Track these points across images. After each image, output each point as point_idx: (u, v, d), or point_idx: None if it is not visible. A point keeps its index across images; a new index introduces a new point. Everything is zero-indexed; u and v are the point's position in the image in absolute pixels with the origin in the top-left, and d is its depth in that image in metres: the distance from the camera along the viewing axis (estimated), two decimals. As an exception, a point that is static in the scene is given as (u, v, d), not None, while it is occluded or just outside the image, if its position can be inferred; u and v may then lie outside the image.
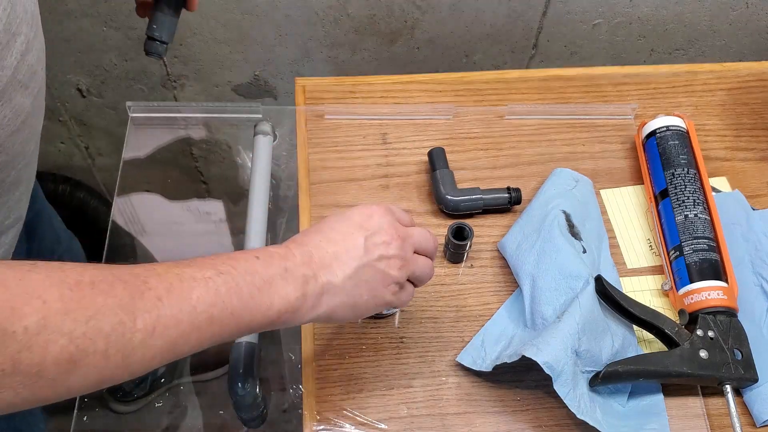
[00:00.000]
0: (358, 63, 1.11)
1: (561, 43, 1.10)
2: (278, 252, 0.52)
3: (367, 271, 0.55)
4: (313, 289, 0.52)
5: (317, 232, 0.55)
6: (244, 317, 0.48)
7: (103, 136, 1.26)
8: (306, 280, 0.52)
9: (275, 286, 0.50)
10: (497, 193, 0.80)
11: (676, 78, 0.95)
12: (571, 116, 0.90)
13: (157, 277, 0.44)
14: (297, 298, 0.51)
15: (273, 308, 0.49)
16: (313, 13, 1.02)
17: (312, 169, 0.84)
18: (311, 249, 0.53)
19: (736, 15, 1.08)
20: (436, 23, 1.04)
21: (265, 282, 0.49)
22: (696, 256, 0.73)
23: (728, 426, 0.68)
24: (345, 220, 0.56)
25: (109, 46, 1.07)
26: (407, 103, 0.90)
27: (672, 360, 0.67)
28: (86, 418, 0.85)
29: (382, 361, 0.71)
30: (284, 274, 0.50)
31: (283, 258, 0.51)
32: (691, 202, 0.76)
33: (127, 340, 0.41)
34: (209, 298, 0.45)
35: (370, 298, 0.56)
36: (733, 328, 0.69)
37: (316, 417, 0.68)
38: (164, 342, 0.43)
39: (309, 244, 0.54)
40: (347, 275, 0.54)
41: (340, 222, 0.56)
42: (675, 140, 0.80)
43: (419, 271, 0.59)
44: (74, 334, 0.39)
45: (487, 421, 0.68)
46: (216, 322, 0.46)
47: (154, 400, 1.27)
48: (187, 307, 0.44)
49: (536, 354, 0.63)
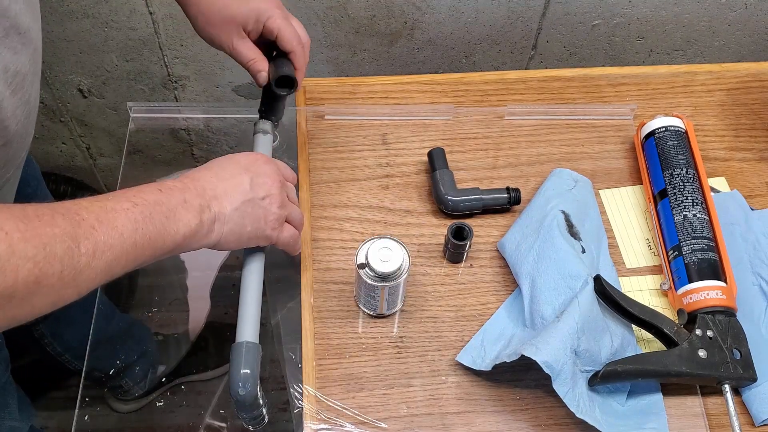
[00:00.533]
0: (358, 64, 1.11)
1: (560, 44, 1.10)
2: (176, 185, 0.59)
3: (252, 206, 0.63)
4: (207, 217, 0.60)
5: (208, 170, 0.63)
6: (158, 242, 0.55)
7: (104, 137, 1.26)
8: (201, 209, 0.59)
9: (178, 214, 0.57)
10: (497, 193, 0.80)
11: (675, 78, 0.95)
12: (571, 117, 0.90)
13: (86, 209, 0.50)
14: (196, 224, 0.58)
15: (179, 233, 0.57)
16: (313, 14, 1.02)
17: (312, 169, 0.85)
18: (204, 184, 0.61)
19: (735, 16, 1.08)
20: (436, 24, 1.04)
21: (170, 210, 0.56)
22: (695, 256, 0.73)
23: (727, 425, 0.68)
24: (233, 163, 0.65)
25: (110, 46, 1.07)
26: (407, 104, 0.91)
27: (671, 359, 0.67)
28: (87, 417, 0.85)
29: (382, 361, 0.72)
30: (184, 204, 0.58)
31: (181, 190, 0.59)
32: (689, 202, 0.76)
33: (75, 262, 0.47)
34: (130, 225, 0.52)
35: (253, 230, 0.64)
36: (732, 328, 0.69)
37: (316, 417, 0.68)
38: (103, 264, 0.50)
39: (201, 179, 0.61)
40: (234, 207, 0.62)
41: (228, 163, 0.64)
42: (674, 140, 0.81)
43: (295, 213, 0.69)
44: (36, 259, 0.44)
45: (487, 420, 0.68)
46: (138, 246, 0.53)
47: (154, 400, 1.27)
48: (115, 234, 0.51)
49: (535, 353, 0.64)
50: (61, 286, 0.47)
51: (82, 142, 1.27)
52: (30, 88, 0.59)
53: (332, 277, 0.77)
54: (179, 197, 0.58)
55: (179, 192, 0.58)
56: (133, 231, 0.52)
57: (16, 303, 0.44)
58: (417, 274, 0.77)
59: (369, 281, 0.68)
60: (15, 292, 0.44)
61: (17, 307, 0.45)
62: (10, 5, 0.52)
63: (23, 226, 0.44)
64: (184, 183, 0.60)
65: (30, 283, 0.44)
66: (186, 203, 0.58)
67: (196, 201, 0.59)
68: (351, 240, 0.79)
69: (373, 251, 0.67)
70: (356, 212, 0.81)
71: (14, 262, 0.43)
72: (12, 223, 0.44)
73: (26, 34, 0.56)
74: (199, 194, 0.60)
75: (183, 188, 0.59)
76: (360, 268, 0.68)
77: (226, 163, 0.65)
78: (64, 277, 0.47)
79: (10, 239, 0.43)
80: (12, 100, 0.56)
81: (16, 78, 0.56)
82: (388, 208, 0.82)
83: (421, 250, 0.79)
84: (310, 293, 0.76)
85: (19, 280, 0.43)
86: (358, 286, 0.71)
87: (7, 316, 0.45)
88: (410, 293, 0.75)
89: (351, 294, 0.76)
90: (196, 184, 0.60)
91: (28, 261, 0.44)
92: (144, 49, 1.07)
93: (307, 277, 0.77)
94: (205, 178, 0.62)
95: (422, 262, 0.78)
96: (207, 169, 0.63)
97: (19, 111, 0.58)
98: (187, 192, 0.59)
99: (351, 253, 0.78)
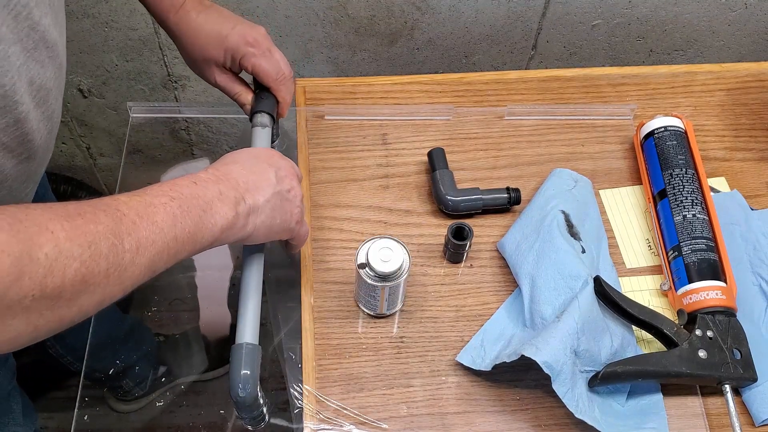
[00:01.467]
0: (358, 64, 1.11)
1: (560, 44, 1.10)
2: (210, 178, 0.58)
3: (280, 199, 0.63)
4: (242, 209, 0.59)
5: (234, 163, 0.62)
6: (197, 235, 0.54)
7: (104, 137, 1.26)
8: (236, 201, 0.59)
9: (215, 206, 0.56)
10: (497, 193, 0.80)
11: (675, 78, 0.95)
12: (571, 117, 0.90)
13: (126, 205, 0.50)
14: (233, 217, 0.58)
15: (217, 226, 0.56)
16: (313, 14, 1.02)
17: (312, 169, 0.85)
18: (236, 176, 0.60)
19: (735, 16, 1.08)
20: (436, 24, 1.04)
21: (207, 203, 0.56)
22: (694, 256, 0.73)
23: (727, 425, 0.68)
24: (253, 156, 0.64)
25: (110, 46, 1.07)
26: (407, 104, 0.91)
27: (671, 360, 0.67)
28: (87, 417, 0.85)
29: (382, 361, 0.72)
30: (220, 197, 0.57)
31: (215, 183, 0.58)
32: (689, 202, 0.76)
33: (120, 259, 0.47)
34: (169, 220, 0.52)
35: (282, 222, 0.64)
36: (732, 328, 0.69)
37: (316, 417, 0.68)
38: (146, 260, 0.50)
39: (232, 172, 0.61)
40: (266, 199, 0.62)
41: (249, 156, 0.64)
42: (673, 141, 0.81)
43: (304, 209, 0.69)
44: (83, 258, 0.44)
45: (487, 420, 0.69)
46: (179, 240, 0.53)
47: (154, 400, 1.27)
48: (156, 229, 0.50)
49: (535, 353, 0.64)
50: (107, 284, 0.47)
51: (82, 141, 1.27)
52: (54, 103, 0.59)
53: (332, 277, 0.77)
54: (214, 189, 0.57)
55: (213, 184, 0.58)
56: (172, 225, 0.52)
57: (63, 303, 0.44)
58: (417, 274, 0.77)
59: (369, 281, 0.68)
60: (63, 292, 0.43)
61: (65, 307, 0.44)
62: (41, 19, 0.52)
63: (68, 225, 0.44)
64: (217, 175, 0.59)
65: (77, 282, 0.44)
66: (221, 195, 0.57)
67: (231, 193, 0.58)
68: (351, 240, 0.79)
69: (373, 251, 0.67)
70: (356, 212, 0.81)
71: (62, 262, 0.42)
72: (57, 223, 0.43)
73: (53, 48, 0.56)
74: (233, 186, 0.59)
75: (217, 180, 0.59)
76: (360, 268, 0.68)
77: (247, 156, 0.64)
78: (110, 275, 0.46)
79: (56, 239, 0.43)
80: (36, 113, 0.56)
81: (41, 92, 0.55)
82: (388, 208, 0.82)
83: (421, 250, 0.79)
84: (310, 293, 0.76)
85: (66, 280, 0.43)
86: (358, 286, 0.71)
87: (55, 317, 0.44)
88: (410, 293, 0.75)
89: (351, 294, 0.76)
90: (229, 176, 0.60)
91: (74, 260, 0.43)
92: (144, 49, 1.07)
93: (307, 277, 0.77)
94: (235, 170, 0.61)
95: (422, 262, 0.78)
96: (233, 162, 0.62)
97: (43, 125, 0.58)
98: (221, 184, 0.58)
99: (351, 253, 0.78)
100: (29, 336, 0.43)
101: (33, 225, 0.42)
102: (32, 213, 0.43)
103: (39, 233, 0.42)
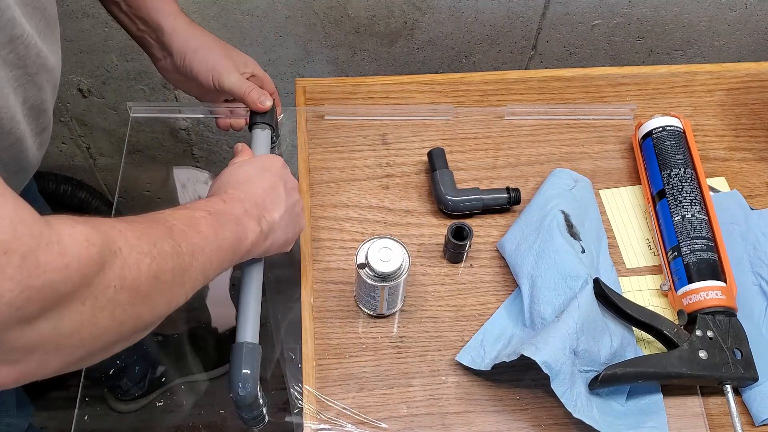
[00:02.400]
0: (358, 64, 1.11)
1: (560, 44, 1.10)
2: (234, 196, 0.61)
3: (290, 213, 0.66)
4: (265, 225, 0.62)
5: (249, 182, 0.64)
6: (235, 246, 0.57)
7: (104, 137, 1.26)
8: (259, 219, 0.62)
9: (243, 222, 0.59)
10: (496, 193, 0.80)
11: (674, 78, 0.95)
12: (570, 117, 0.90)
13: (172, 216, 0.52)
14: (259, 232, 0.61)
15: (248, 240, 0.59)
16: (313, 14, 1.02)
17: (312, 169, 0.85)
18: (253, 196, 0.63)
19: (735, 15, 1.08)
20: (436, 24, 1.04)
21: (237, 219, 0.59)
22: (694, 257, 0.73)
23: (727, 425, 0.68)
24: (260, 169, 0.66)
25: (110, 46, 1.07)
26: (407, 104, 0.91)
27: (671, 361, 0.67)
28: (87, 417, 0.85)
29: (382, 361, 0.72)
30: (246, 214, 0.60)
31: (241, 201, 0.61)
32: (688, 202, 0.76)
33: (181, 260, 0.49)
34: (211, 231, 0.55)
35: (292, 235, 0.68)
36: (733, 328, 0.69)
37: (316, 417, 0.68)
38: (200, 264, 0.52)
39: (249, 191, 0.63)
40: (281, 216, 0.64)
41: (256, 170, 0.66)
42: (671, 140, 0.81)
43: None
44: (152, 254, 0.46)
45: (487, 420, 0.69)
46: (222, 250, 0.55)
47: (154, 400, 1.27)
48: (202, 237, 0.53)
49: (535, 353, 0.64)
50: (173, 283, 0.48)
51: (82, 141, 1.27)
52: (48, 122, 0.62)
53: (332, 277, 0.77)
54: (240, 208, 0.60)
55: (239, 203, 0.61)
56: (215, 235, 0.55)
57: (140, 299, 0.45)
58: (417, 274, 0.77)
59: (369, 281, 0.68)
60: (140, 286, 0.44)
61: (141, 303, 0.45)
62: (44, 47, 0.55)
63: (130, 227, 0.46)
64: (237, 195, 0.62)
65: (150, 277, 0.45)
66: (247, 213, 0.60)
67: (254, 211, 0.61)
68: (351, 240, 0.79)
69: (373, 251, 0.67)
70: (356, 212, 0.81)
71: (134, 257, 0.44)
72: (121, 223, 0.45)
73: (52, 72, 0.59)
74: (255, 205, 0.62)
75: (241, 199, 0.61)
76: (360, 268, 0.68)
77: (257, 170, 0.66)
78: (175, 274, 0.48)
79: (126, 236, 0.44)
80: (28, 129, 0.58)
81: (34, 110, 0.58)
82: (388, 208, 0.82)
83: (421, 250, 0.79)
84: (310, 293, 0.76)
85: (141, 274, 0.44)
86: (358, 286, 0.71)
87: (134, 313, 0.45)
88: (410, 293, 0.75)
89: (351, 294, 0.76)
90: (248, 195, 0.62)
91: (146, 256, 0.45)
92: (144, 49, 1.07)
93: (307, 277, 0.77)
94: (250, 189, 0.63)
95: (422, 262, 0.78)
96: (247, 181, 0.64)
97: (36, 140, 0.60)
98: (245, 202, 0.61)
99: (351, 253, 0.78)
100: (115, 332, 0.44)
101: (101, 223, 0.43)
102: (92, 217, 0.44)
103: (111, 228, 0.43)
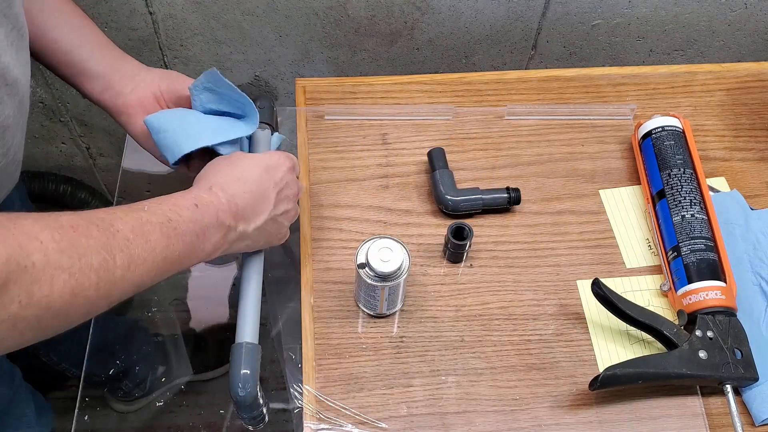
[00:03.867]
0: (358, 64, 1.11)
1: (560, 44, 1.10)
2: (211, 201, 0.59)
3: (271, 224, 0.65)
4: (231, 237, 0.61)
5: (238, 181, 0.62)
6: (185, 258, 0.56)
7: (104, 137, 1.26)
8: (229, 229, 0.60)
9: (208, 234, 0.58)
10: (496, 193, 0.80)
11: (674, 78, 0.95)
12: (570, 117, 0.90)
13: (121, 220, 0.50)
14: (221, 244, 0.60)
15: (205, 251, 0.58)
16: (313, 14, 1.02)
17: (312, 169, 0.85)
18: (237, 200, 0.61)
19: (735, 15, 1.08)
20: (436, 24, 1.04)
21: (202, 230, 0.57)
22: (694, 257, 0.73)
23: (727, 425, 0.68)
24: (263, 170, 0.65)
25: (109, 46, 1.07)
26: (407, 104, 0.91)
27: (671, 361, 0.67)
28: (87, 417, 0.85)
29: (382, 361, 0.72)
30: (215, 223, 0.59)
31: (216, 207, 0.59)
32: (687, 202, 0.76)
33: (111, 274, 0.48)
34: (163, 241, 0.53)
35: (264, 243, 0.67)
36: (733, 328, 0.69)
37: (316, 417, 0.68)
38: (136, 276, 0.50)
39: (234, 194, 0.61)
40: (257, 227, 0.63)
41: (259, 170, 0.64)
42: (671, 140, 0.81)
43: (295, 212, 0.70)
44: (72, 270, 0.44)
45: (487, 420, 0.68)
46: (168, 261, 0.54)
47: (154, 400, 1.27)
48: (148, 248, 0.51)
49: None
50: (96, 297, 0.47)
51: (82, 142, 1.27)
52: (11, 140, 0.59)
53: (332, 277, 0.77)
54: (213, 215, 0.59)
55: (213, 209, 0.59)
56: (165, 247, 0.53)
57: (52, 314, 0.44)
58: (417, 274, 0.77)
59: (369, 281, 0.68)
60: (51, 303, 0.43)
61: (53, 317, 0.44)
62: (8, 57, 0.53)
63: (58, 236, 0.44)
64: (216, 195, 0.60)
65: (66, 294, 0.44)
66: (217, 222, 0.59)
67: (227, 221, 0.60)
68: (351, 240, 0.79)
69: (373, 251, 0.67)
70: (356, 212, 0.81)
71: (49, 272, 0.42)
72: (47, 233, 0.43)
73: (13, 86, 0.56)
74: (232, 213, 0.60)
75: (218, 204, 0.60)
76: (360, 268, 0.68)
77: (255, 168, 0.64)
78: (99, 289, 0.47)
79: (45, 249, 0.43)
80: None
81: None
82: (388, 208, 0.82)
83: (421, 250, 0.79)
84: (310, 293, 0.76)
85: (54, 291, 0.43)
86: (358, 286, 0.71)
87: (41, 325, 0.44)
88: (410, 293, 0.75)
89: (351, 294, 0.75)
90: (231, 201, 0.61)
91: (63, 272, 0.43)
92: (144, 49, 1.07)
93: (307, 277, 0.77)
94: (238, 191, 0.62)
95: (422, 262, 0.78)
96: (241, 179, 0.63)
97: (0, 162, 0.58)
98: (220, 210, 0.59)
99: (351, 253, 0.78)
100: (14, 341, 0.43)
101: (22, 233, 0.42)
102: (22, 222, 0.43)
103: (28, 241, 0.42)
